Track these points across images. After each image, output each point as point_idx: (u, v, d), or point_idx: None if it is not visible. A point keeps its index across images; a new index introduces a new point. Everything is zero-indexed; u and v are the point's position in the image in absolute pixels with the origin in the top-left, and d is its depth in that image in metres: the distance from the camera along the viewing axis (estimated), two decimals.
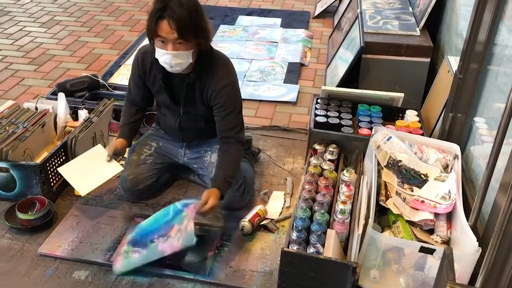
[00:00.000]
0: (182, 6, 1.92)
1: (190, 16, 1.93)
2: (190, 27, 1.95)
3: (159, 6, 1.92)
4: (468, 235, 1.75)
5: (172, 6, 1.91)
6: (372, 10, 3.69)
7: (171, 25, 1.92)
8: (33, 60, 3.96)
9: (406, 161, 2.14)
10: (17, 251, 2.13)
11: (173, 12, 1.90)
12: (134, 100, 2.38)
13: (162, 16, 1.92)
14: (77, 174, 2.28)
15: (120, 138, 2.33)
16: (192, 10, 1.95)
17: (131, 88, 2.36)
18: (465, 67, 2.26)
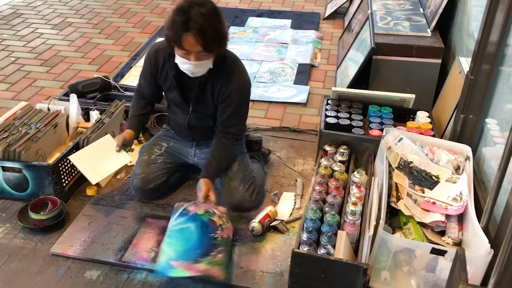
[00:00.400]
0: (206, 18, 1.90)
1: (214, 27, 1.94)
2: (214, 40, 1.96)
3: (182, 18, 1.90)
4: (480, 237, 1.74)
5: (196, 19, 1.89)
6: (382, 11, 3.68)
7: (197, 39, 1.92)
8: (45, 61, 4.00)
9: (417, 162, 2.13)
10: (30, 251, 2.15)
11: (198, 26, 1.89)
12: (144, 94, 2.39)
13: (187, 30, 1.90)
14: (87, 162, 2.29)
15: (128, 129, 2.35)
16: (214, 20, 1.95)
17: (142, 83, 2.37)
18: (476, 68, 2.24)
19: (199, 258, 1.90)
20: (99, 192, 2.50)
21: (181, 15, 1.90)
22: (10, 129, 2.48)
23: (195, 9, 1.90)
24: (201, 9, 1.90)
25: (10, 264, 2.09)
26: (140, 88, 2.39)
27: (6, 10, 5.08)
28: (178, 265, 1.88)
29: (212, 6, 1.97)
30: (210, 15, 1.93)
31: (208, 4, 1.95)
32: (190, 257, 1.90)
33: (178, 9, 1.93)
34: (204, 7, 1.92)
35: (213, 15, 1.95)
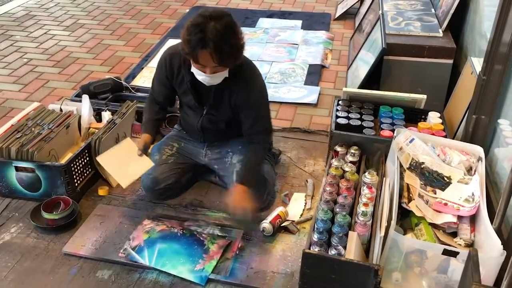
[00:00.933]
0: (221, 35, 1.89)
1: (230, 43, 1.93)
2: (231, 55, 1.97)
3: (198, 36, 1.89)
4: (492, 238, 1.73)
5: (211, 37, 1.88)
6: (394, 12, 3.67)
7: (212, 57, 1.93)
8: (57, 62, 4.04)
9: (429, 163, 2.12)
10: (42, 250, 2.17)
11: (213, 44, 1.89)
12: (157, 100, 2.40)
13: (203, 47, 1.90)
14: (114, 165, 2.28)
15: (146, 134, 2.34)
16: (230, 35, 1.93)
17: (155, 87, 2.38)
18: (489, 69, 2.23)
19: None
20: (110, 192, 2.52)
21: (197, 32, 1.89)
22: (23, 130, 2.50)
23: (211, 25, 1.89)
24: (217, 24, 1.89)
25: (23, 263, 2.11)
26: (153, 93, 2.40)
27: (19, 11, 5.13)
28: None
29: (228, 20, 1.95)
30: (226, 31, 1.91)
31: (224, 18, 1.94)
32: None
33: (194, 24, 1.92)
34: (219, 22, 1.91)
35: (229, 30, 1.93)
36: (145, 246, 2.16)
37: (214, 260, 2.10)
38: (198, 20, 1.92)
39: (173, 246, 2.17)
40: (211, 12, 1.94)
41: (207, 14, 1.92)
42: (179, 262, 2.09)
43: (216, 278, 2.02)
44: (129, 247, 2.16)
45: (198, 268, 2.06)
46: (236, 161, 2.35)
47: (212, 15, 1.92)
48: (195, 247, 2.17)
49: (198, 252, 2.14)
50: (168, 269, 2.06)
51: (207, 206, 2.42)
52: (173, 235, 2.22)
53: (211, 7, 2.02)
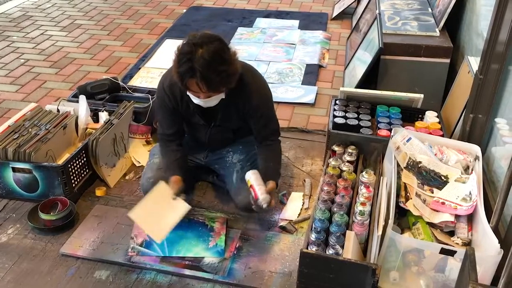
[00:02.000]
0: (209, 63, 1.85)
1: (218, 71, 1.89)
2: (220, 83, 1.94)
3: (185, 67, 1.87)
4: (489, 237, 1.73)
5: (199, 66, 1.84)
6: (390, 11, 3.67)
7: (201, 86, 1.91)
8: (54, 63, 4.03)
9: (426, 162, 2.12)
10: (40, 251, 2.17)
11: (201, 74, 1.86)
12: (170, 135, 2.28)
13: (192, 76, 1.88)
14: (148, 218, 2.13)
15: (173, 176, 2.19)
16: (218, 63, 1.88)
17: (164, 122, 2.29)
18: (486, 68, 2.23)
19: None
20: (108, 192, 2.51)
21: (184, 62, 1.87)
22: (20, 130, 2.50)
23: (199, 53, 1.85)
24: (204, 53, 1.85)
25: (20, 264, 2.10)
26: (164, 130, 2.29)
27: (16, 12, 5.12)
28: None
29: (216, 46, 1.89)
30: (214, 59, 1.86)
31: (213, 43, 1.89)
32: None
33: (182, 53, 1.88)
34: (207, 49, 1.86)
35: (217, 58, 1.87)
36: (151, 240, 2.18)
37: (222, 235, 2.21)
38: (185, 49, 1.88)
39: (178, 233, 2.21)
40: (198, 38, 1.89)
41: (194, 41, 1.88)
42: (191, 245, 2.17)
43: (214, 278, 2.02)
44: (136, 245, 2.17)
45: (211, 245, 2.15)
46: (237, 161, 2.35)
47: (199, 42, 1.87)
48: (199, 228, 2.25)
49: (205, 232, 2.23)
50: (185, 254, 2.12)
51: (205, 206, 2.42)
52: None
53: (200, 32, 1.96)
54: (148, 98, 2.93)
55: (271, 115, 2.28)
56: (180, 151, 2.30)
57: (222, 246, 2.16)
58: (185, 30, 4.68)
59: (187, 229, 2.24)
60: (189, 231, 2.23)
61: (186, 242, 2.18)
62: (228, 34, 4.57)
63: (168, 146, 2.29)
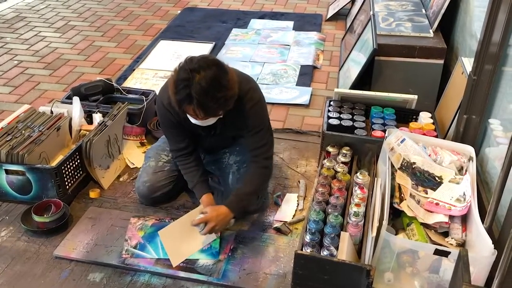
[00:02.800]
0: (206, 91, 1.81)
1: (216, 97, 1.85)
2: (217, 108, 1.91)
3: (182, 94, 1.83)
4: (483, 238, 1.73)
5: (196, 94, 1.81)
6: (384, 12, 3.68)
7: (198, 113, 1.89)
8: (48, 64, 4.01)
9: (420, 163, 2.13)
10: (33, 254, 2.15)
11: (198, 101, 1.82)
12: (183, 149, 2.24)
13: (189, 103, 1.85)
14: (173, 240, 2.13)
15: (204, 194, 2.20)
16: (216, 89, 1.84)
17: (173, 139, 2.25)
18: (479, 69, 2.24)
19: None
20: (102, 194, 2.50)
21: (181, 88, 1.83)
22: (13, 132, 2.48)
23: (196, 79, 1.81)
24: (202, 80, 1.81)
25: (13, 267, 2.09)
26: (176, 146, 2.25)
27: (9, 13, 5.10)
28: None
29: (214, 72, 1.84)
30: (212, 86, 1.82)
31: (211, 69, 1.84)
32: None
33: (179, 79, 1.84)
34: (205, 75, 1.82)
35: (215, 84, 1.83)
36: (145, 242, 2.18)
37: (217, 237, 2.18)
38: (182, 76, 1.84)
39: None
40: (195, 63, 1.85)
41: (191, 67, 1.83)
42: None
43: (209, 280, 2.02)
44: (129, 247, 2.16)
45: (206, 247, 2.14)
46: (233, 162, 2.35)
47: (196, 68, 1.83)
48: None
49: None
50: None
51: None
52: (167, 225, 2.22)
53: (198, 57, 1.92)
54: (142, 100, 2.92)
55: (264, 126, 2.19)
56: (200, 167, 2.27)
57: (217, 248, 2.15)
58: (179, 31, 4.67)
59: None
60: None
61: None
62: (223, 35, 4.57)
63: (187, 163, 2.25)
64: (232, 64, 2.05)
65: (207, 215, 2.08)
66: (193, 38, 4.52)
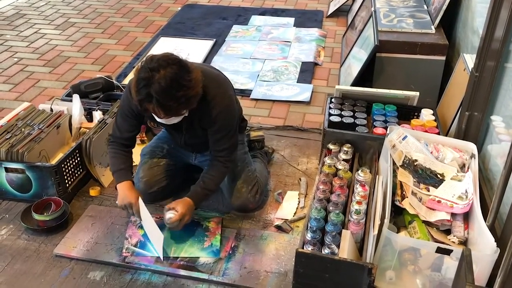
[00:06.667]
0: (165, 90, 1.79)
1: (176, 97, 1.82)
2: (178, 108, 1.88)
3: (142, 93, 1.82)
4: (486, 236, 1.73)
5: (155, 93, 1.79)
6: (386, 8, 3.66)
7: (158, 112, 1.87)
8: (48, 62, 4.00)
9: (422, 160, 2.11)
10: (33, 252, 2.15)
11: (157, 101, 1.80)
12: (125, 140, 2.23)
13: (149, 102, 1.83)
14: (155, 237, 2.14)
15: (127, 181, 2.17)
16: (177, 89, 1.81)
17: (123, 127, 2.20)
18: (481, 65, 2.22)
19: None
20: (102, 192, 2.50)
21: (142, 87, 1.82)
22: (13, 130, 2.48)
23: (155, 79, 1.79)
24: (161, 79, 1.78)
25: (13, 265, 2.08)
26: (121, 134, 2.21)
27: (9, 10, 5.09)
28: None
29: (174, 71, 1.82)
30: (171, 85, 1.80)
31: (171, 67, 1.82)
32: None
33: (139, 78, 1.83)
34: (165, 74, 1.79)
35: (174, 84, 1.81)
36: (145, 240, 2.17)
37: (217, 235, 2.20)
38: (142, 74, 1.82)
39: (173, 233, 2.20)
40: (155, 62, 1.82)
41: (151, 66, 1.81)
42: (186, 245, 2.16)
43: (210, 278, 2.01)
44: (130, 245, 2.16)
45: (207, 245, 2.14)
46: None
47: (155, 67, 1.80)
48: (194, 228, 2.24)
49: (200, 232, 2.22)
50: (179, 254, 2.11)
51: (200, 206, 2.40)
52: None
53: (159, 55, 1.90)
54: None
55: (229, 131, 2.16)
56: (130, 158, 2.27)
57: (218, 246, 2.14)
58: (180, 28, 4.66)
59: (182, 229, 2.22)
60: (184, 231, 2.20)
61: (181, 242, 2.17)
62: (223, 32, 4.55)
63: (118, 150, 2.22)
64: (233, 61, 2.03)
65: (181, 212, 2.09)
66: (194, 35, 4.51)
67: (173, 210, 2.11)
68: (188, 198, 2.15)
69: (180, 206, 2.11)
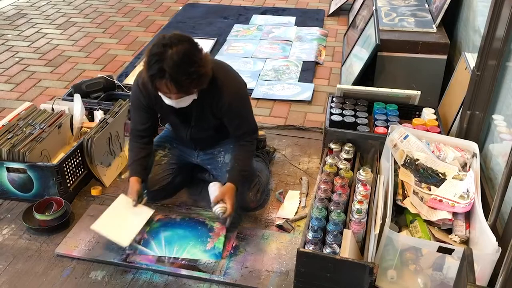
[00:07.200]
0: (178, 64, 1.83)
1: (188, 72, 1.86)
2: (190, 84, 1.90)
3: (155, 68, 1.84)
4: (487, 235, 1.72)
5: (168, 68, 1.82)
6: (387, 7, 3.66)
7: (170, 87, 1.88)
8: (49, 61, 4.00)
9: (423, 159, 2.11)
10: (35, 252, 2.15)
11: (170, 75, 1.83)
12: (140, 131, 2.27)
13: (161, 77, 1.85)
14: (112, 227, 2.13)
15: (133, 177, 2.22)
16: (189, 64, 1.85)
17: (135, 117, 2.27)
18: (483, 64, 2.22)
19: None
20: (103, 192, 2.50)
21: (154, 63, 1.84)
22: (15, 130, 2.48)
23: (168, 54, 1.82)
24: (174, 54, 1.82)
25: (15, 265, 2.08)
26: (135, 126, 2.27)
27: (10, 10, 5.09)
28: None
29: (186, 47, 1.86)
30: (183, 61, 1.83)
31: (183, 44, 1.86)
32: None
33: (151, 54, 1.85)
34: (177, 50, 1.83)
35: (186, 59, 1.84)
36: (149, 237, 2.18)
37: (221, 236, 2.18)
38: (154, 50, 1.85)
39: (177, 232, 2.21)
40: (168, 39, 1.86)
41: (164, 42, 1.85)
42: (189, 245, 2.15)
43: (211, 278, 2.01)
44: (134, 242, 2.16)
45: (209, 247, 2.14)
46: (229, 160, 2.34)
47: (168, 43, 1.84)
48: (198, 228, 2.23)
49: (204, 232, 2.21)
50: (181, 254, 2.11)
51: (202, 205, 2.41)
52: (173, 222, 2.27)
53: (170, 34, 1.92)
54: None
55: (246, 115, 2.23)
56: (147, 149, 2.30)
57: (220, 248, 2.13)
58: (181, 27, 4.66)
59: (186, 227, 2.23)
60: (188, 230, 2.22)
61: (184, 242, 2.17)
62: (224, 31, 4.55)
63: (138, 141, 2.28)
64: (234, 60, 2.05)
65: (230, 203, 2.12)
66: (195, 34, 4.50)
67: (222, 204, 2.12)
68: (230, 183, 2.17)
69: (227, 196, 2.13)
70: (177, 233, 2.21)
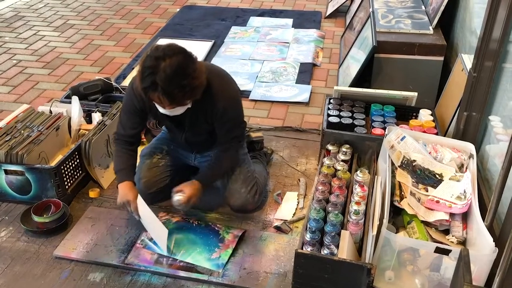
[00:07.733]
0: (171, 78, 1.80)
1: (181, 85, 1.84)
2: (183, 97, 1.89)
3: (148, 80, 1.82)
4: (484, 236, 1.73)
5: (160, 82, 1.80)
6: (384, 9, 3.67)
7: (163, 100, 1.87)
8: (47, 64, 4.00)
9: (420, 161, 2.12)
10: (33, 254, 2.15)
11: (162, 89, 1.82)
12: (128, 137, 2.23)
13: (154, 90, 1.84)
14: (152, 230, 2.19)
15: (127, 182, 2.18)
16: (182, 77, 1.83)
17: (125, 121, 2.22)
18: (479, 65, 2.23)
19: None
20: (101, 194, 2.50)
21: (147, 75, 1.83)
22: (12, 132, 2.48)
23: (161, 67, 1.80)
24: (167, 67, 1.80)
25: (13, 267, 2.08)
26: (124, 131, 2.22)
27: (8, 12, 5.09)
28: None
29: (179, 60, 1.83)
30: (176, 73, 1.81)
31: (177, 56, 1.83)
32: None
33: (145, 66, 1.84)
34: (171, 62, 1.81)
35: (180, 71, 1.82)
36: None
37: (229, 249, 2.16)
38: (148, 63, 1.84)
39: (189, 236, 2.22)
40: (161, 51, 1.83)
41: (156, 54, 1.83)
42: (195, 251, 2.15)
43: (209, 279, 2.01)
44: (146, 238, 2.19)
45: (214, 257, 2.12)
46: None
47: (161, 56, 1.82)
48: (210, 236, 2.23)
49: (214, 241, 2.20)
50: (185, 258, 2.11)
51: (200, 207, 2.40)
52: (188, 226, 2.29)
53: (164, 44, 1.91)
54: None
55: (238, 120, 2.22)
56: (134, 156, 2.28)
57: (225, 260, 2.10)
58: (178, 30, 4.67)
59: (199, 233, 2.24)
60: (199, 237, 2.22)
61: (191, 247, 2.16)
62: (222, 33, 4.56)
63: (125, 147, 2.24)
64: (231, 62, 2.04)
65: (188, 194, 2.16)
66: (192, 36, 4.51)
67: (181, 193, 2.16)
68: (196, 181, 2.20)
69: (188, 188, 2.17)
70: (188, 237, 2.21)
